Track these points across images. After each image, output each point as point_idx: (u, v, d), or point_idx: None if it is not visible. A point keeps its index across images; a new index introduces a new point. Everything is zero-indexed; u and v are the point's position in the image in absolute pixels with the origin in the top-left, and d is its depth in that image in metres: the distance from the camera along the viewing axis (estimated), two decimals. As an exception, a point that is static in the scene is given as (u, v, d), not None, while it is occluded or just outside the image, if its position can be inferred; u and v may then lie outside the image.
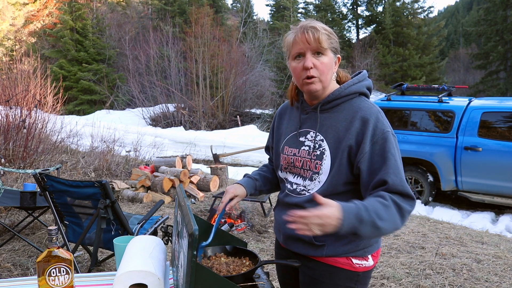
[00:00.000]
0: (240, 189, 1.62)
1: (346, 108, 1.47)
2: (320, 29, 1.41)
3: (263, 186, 1.72)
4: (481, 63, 25.98)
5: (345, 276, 1.48)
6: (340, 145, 1.42)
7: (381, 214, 1.26)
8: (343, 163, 1.41)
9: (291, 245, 1.56)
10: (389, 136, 1.39)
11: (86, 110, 24.15)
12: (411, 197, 1.34)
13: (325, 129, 1.47)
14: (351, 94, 1.48)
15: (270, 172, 1.77)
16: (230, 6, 34.65)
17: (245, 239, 4.28)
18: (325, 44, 1.41)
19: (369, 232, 1.25)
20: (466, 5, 52.78)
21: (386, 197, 1.31)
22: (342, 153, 1.41)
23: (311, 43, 1.40)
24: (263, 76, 23.13)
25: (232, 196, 1.59)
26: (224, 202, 1.57)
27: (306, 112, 1.55)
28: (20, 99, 6.79)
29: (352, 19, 29.33)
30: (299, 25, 1.46)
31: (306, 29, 1.41)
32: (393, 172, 1.35)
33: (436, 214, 5.97)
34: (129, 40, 24.65)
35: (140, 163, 7.55)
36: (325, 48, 1.42)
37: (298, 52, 1.44)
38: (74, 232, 3.16)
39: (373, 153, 1.37)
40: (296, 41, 1.44)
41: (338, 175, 1.42)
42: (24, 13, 31.23)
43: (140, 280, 1.27)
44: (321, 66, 1.42)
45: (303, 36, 1.41)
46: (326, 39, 1.41)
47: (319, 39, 1.40)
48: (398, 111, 6.85)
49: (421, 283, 3.33)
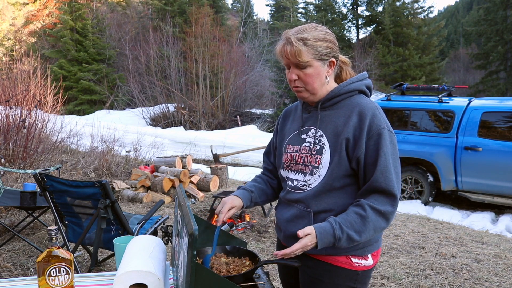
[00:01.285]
0: (237, 201, 1.62)
1: (345, 105, 1.50)
2: (296, 44, 1.40)
3: (258, 198, 1.71)
4: (481, 63, 25.96)
5: (344, 275, 1.49)
6: (338, 138, 1.45)
7: (357, 228, 1.39)
8: (342, 156, 1.44)
9: (291, 243, 1.56)
10: (384, 132, 1.41)
11: (86, 110, 24.12)
12: (393, 195, 1.40)
13: (324, 125, 1.50)
14: (350, 92, 1.51)
15: (264, 183, 1.76)
16: (230, 6, 34.67)
17: (245, 239, 4.28)
18: (305, 57, 1.41)
19: (348, 245, 1.41)
20: (466, 5, 52.77)
21: (364, 206, 1.40)
22: (340, 146, 1.44)
23: (290, 58, 1.43)
24: (263, 76, 23.13)
25: (230, 207, 1.58)
26: (224, 213, 1.55)
27: (308, 111, 1.58)
28: (20, 99, 6.78)
29: (352, 19, 29.31)
30: (283, 34, 1.47)
31: (285, 44, 1.43)
32: (380, 170, 1.40)
33: (436, 214, 5.97)
34: (129, 40, 24.63)
35: (140, 163, 7.55)
36: (305, 61, 1.42)
37: (284, 64, 1.49)
38: (74, 232, 3.16)
39: (367, 148, 1.42)
40: (278, 55, 1.49)
41: (337, 167, 1.44)
42: (24, 13, 31.21)
43: (140, 280, 1.28)
44: (305, 78, 1.45)
45: (282, 50, 1.45)
46: (306, 51, 1.40)
47: (295, 54, 1.40)
48: (398, 111, 6.85)
49: (421, 283, 3.33)
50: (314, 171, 1.48)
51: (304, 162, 1.52)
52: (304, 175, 1.52)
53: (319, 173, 1.47)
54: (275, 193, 1.76)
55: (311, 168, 1.49)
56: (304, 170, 1.52)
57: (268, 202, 1.79)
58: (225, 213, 1.55)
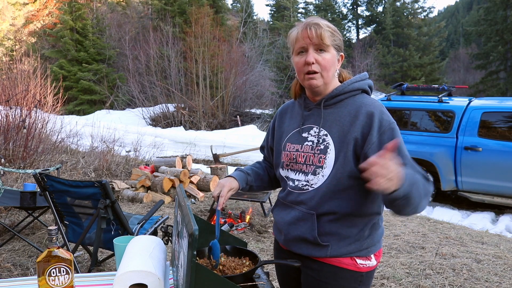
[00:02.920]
0: (234, 183, 1.61)
1: (349, 104, 1.48)
2: (323, 26, 1.43)
3: (253, 181, 1.71)
4: (481, 63, 25.98)
5: (349, 276, 1.47)
6: (345, 138, 1.43)
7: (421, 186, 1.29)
8: (348, 156, 1.42)
9: (293, 246, 1.54)
10: (395, 127, 1.42)
11: (86, 110, 24.12)
12: (428, 179, 1.37)
13: (329, 124, 1.48)
14: (354, 91, 1.50)
15: (262, 169, 1.76)
16: (230, 6, 34.63)
17: (245, 239, 4.28)
18: (327, 40, 1.43)
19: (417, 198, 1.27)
20: (466, 5, 52.78)
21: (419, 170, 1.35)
22: (347, 146, 1.42)
23: (313, 39, 1.42)
24: (263, 76, 23.12)
25: (229, 189, 1.58)
26: (224, 195, 1.55)
27: (309, 109, 1.56)
28: (20, 99, 6.78)
29: (352, 19, 29.35)
30: (303, 21, 1.49)
31: (309, 26, 1.43)
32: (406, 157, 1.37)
33: (436, 214, 5.97)
34: (129, 40, 24.61)
35: (140, 163, 7.55)
36: (327, 45, 1.44)
37: (300, 47, 1.46)
38: (74, 232, 3.16)
39: (382, 142, 1.38)
40: (299, 37, 1.46)
41: (342, 168, 1.42)
42: (24, 13, 31.21)
43: (140, 280, 1.27)
44: (323, 62, 1.44)
45: (306, 32, 1.43)
46: (329, 36, 1.44)
47: (321, 36, 1.42)
48: (398, 111, 6.85)
49: (421, 283, 3.33)
50: (318, 171, 1.45)
51: (306, 162, 1.49)
52: (305, 175, 1.49)
53: (322, 173, 1.44)
54: (271, 181, 1.76)
55: (313, 167, 1.47)
56: (305, 169, 1.49)
57: (263, 189, 1.78)
58: (224, 195, 1.55)
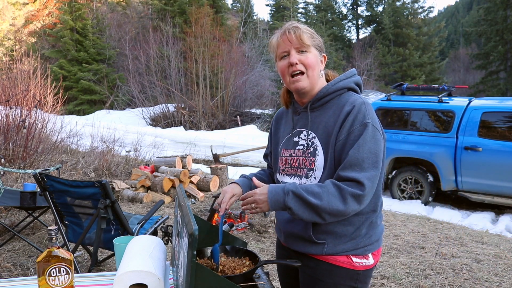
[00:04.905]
0: (237, 189, 1.63)
1: (335, 104, 1.49)
2: (301, 28, 1.47)
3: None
4: (481, 63, 25.96)
5: (345, 274, 1.49)
6: (330, 139, 1.45)
7: (312, 190, 1.35)
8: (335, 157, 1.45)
9: (291, 243, 1.58)
10: (367, 126, 1.39)
11: (86, 110, 24.11)
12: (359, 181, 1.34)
13: (316, 126, 1.50)
14: (339, 90, 1.51)
15: (266, 176, 1.79)
16: (230, 6, 34.61)
17: (245, 239, 4.28)
18: (307, 41, 1.46)
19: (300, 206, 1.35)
20: (466, 5, 52.78)
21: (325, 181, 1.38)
22: (332, 147, 1.44)
23: (293, 41, 1.45)
24: (263, 76, 23.10)
25: (231, 196, 1.59)
26: (226, 202, 1.56)
27: (298, 112, 1.58)
28: (20, 99, 6.77)
29: (352, 19, 29.36)
30: (282, 27, 1.52)
31: (288, 30, 1.47)
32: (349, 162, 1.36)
33: (436, 214, 5.97)
34: (129, 40, 24.60)
35: (140, 163, 7.55)
36: (308, 45, 1.46)
37: (283, 52, 1.48)
38: (74, 232, 3.16)
39: (346, 142, 1.40)
40: (280, 42, 1.49)
41: (332, 169, 1.44)
42: (24, 13, 31.21)
43: (140, 280, 1.28)
44: (307, 61, 1.46)
45: (285, 36, 1.47)
46: (308, 37, 1.47)
47: (300, 37, 1.45)
48: (398, 111, 6.85)
49: (421, 283, 3.33)
50: (310, 174, 1.48)
51: (299, 165, 1.52)
52: (299, 178, 1.52)
53: (314, 176, 1.47)
54: None
55: (306, 170, 1.49)
56: (299, 173, 1.52)
57: None
58: (226, 202, 1.55)
